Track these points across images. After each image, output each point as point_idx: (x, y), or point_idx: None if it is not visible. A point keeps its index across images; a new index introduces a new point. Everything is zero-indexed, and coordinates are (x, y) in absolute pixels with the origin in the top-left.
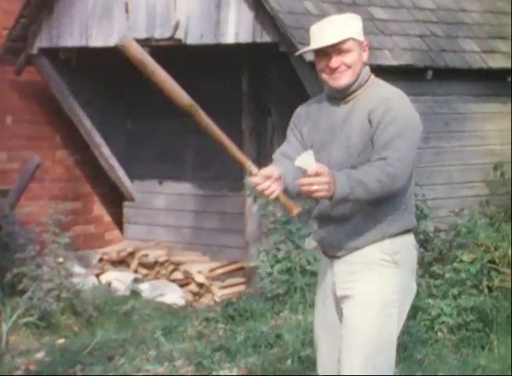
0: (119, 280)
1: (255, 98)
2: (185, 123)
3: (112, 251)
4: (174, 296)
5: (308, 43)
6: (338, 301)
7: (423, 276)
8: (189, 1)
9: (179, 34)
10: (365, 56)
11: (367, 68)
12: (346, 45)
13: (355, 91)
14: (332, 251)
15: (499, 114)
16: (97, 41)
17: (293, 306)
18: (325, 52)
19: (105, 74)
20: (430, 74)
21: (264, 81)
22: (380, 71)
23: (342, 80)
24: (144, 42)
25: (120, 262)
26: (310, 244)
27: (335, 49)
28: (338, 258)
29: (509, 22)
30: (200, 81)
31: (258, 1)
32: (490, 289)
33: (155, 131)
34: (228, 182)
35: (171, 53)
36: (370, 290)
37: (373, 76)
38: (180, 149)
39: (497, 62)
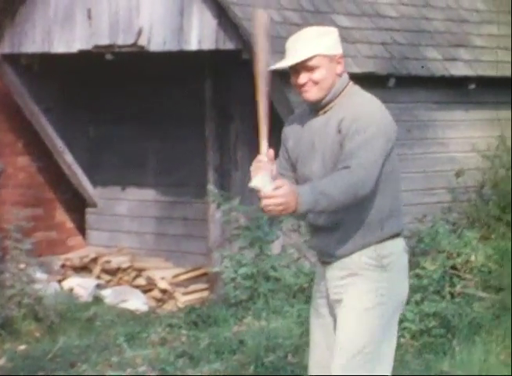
0: (81, 286)
1: (218, 104)
2: (148, 129)
3: (74, 257)
4: (137, 302)
5: (270, 49)
6: (332, 306)
7: None
8: (152, 7)
9: (142, 41)
10: (339, 69)
11: (344, 78)
12: (313, 62)
13: (330, 101)
14: (324, 257)
15: (460, 122)
16: (59, 47)
17: (256, 312)
18: (295, 69)
19: (67, 80)
20: (392, 81)
21: (227, 88)
22: None
23: (310, 95)
24: (107, 49)
25: (83, 268)
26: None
27: (302, 66)
28: (330, 264)
29: (470, 30)
30: (164, 87)
31: (221, 8)
32: (452, 295)
33: (118, 138)
34: (192, 189)
35: (134, 60)
36: (357, 294)
37: (351, 84)
38: (143, 155)
39: (459, 70)
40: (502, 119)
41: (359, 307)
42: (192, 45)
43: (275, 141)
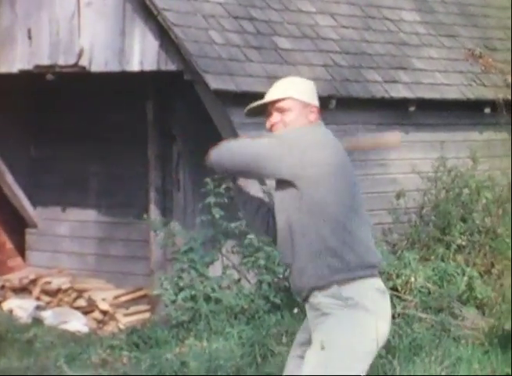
0: (21, 307)
1: (160, 125)
2: (90, 150)
3: (14, 278)
4: (77, 323)
5: (212, 71)
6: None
7: None
8: (93, 28)
9: (83, 62)
10: (311, 117)
11: (317, 124)
12: (284, 103)
13: None
14: (297, 296)
15: (401, 143)
16: (0, 67)
17: (198, 333)
18: (269, 111)
19: (9, 100)
20: (333, 103)
21: (169, 109)
22: None
23: None
24: (47, 69)
25: (23, 290)
26: None
27: (276, 107)
28: (305, 302)
29: (410, 53)
30: (106, 107)
31: (163, 29)
32: (392, 316)
33: (59, 158)
34: (133, 210)
35: (76, 80)
36: (322, 334)
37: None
38: (84, 176)
39: (399, 92)
40: (441, 141)
41: (320, 348)
42: (134, 66)
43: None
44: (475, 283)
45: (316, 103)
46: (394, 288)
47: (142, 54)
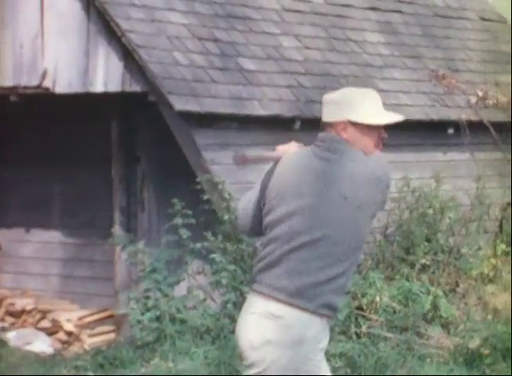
0: None
1: (125, 146)
2: (54, 170)
3: None
4: (42, 344)
5: (176, 92)
6: None
7: None
8: (56, 49)
9: (47, 83)
10: None
11: None
12: None
13: None
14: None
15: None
16: None
17: (163, 354)
18: (377, 126)
19: None
20: (298, 124)
21: (133, 129)
22: (249, 121)
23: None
24: (11, 90)
25: None
26: None
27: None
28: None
29: (373, 74)
30: (70, 128)
31: (127, 50)
32: (358, 335)
33: (22, 179)
34: (97, 230)
35: (40, 101)
36: None
37: None
38: (48, 196)
39: None
40: (405, 161)
41: None
42: (98, 87)
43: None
44: (440, 302)
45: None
46: (359, 308)
47: (106, 75)
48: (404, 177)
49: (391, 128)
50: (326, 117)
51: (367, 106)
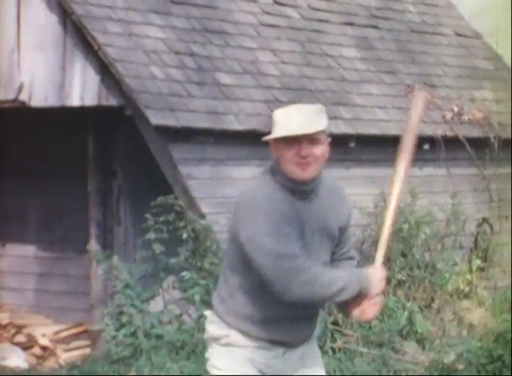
0: None
1: (101, 159)
2: (29, 184)
3: None
4: (17, 359)
5: (153, 106)
6: None
7: None
8: (33, 62)
9: (23, 96)
10: (327, 153)
11: None
12: (319, 136)
13: (316, 186)
14: (290, 341)
15: (341, 179)
16: None
17: (139, 369)
18: (295, 140)
19: None
20: None
21: (110, 143)
22: (226, 136)
23: (309, 171)
24: None
25: None
26: None
27: (308, 138)
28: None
29: (350, 89)
30: (46, 142)
31: (104, 64)
32: (334, 350)
33: None
34: (73, 245)
35: (16, 114)
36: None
37: None
38: (23, 210)
39: (339, 128)
40: (382, 176)
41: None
42: (75, 101)
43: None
44: (415, 317)
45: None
46: (335, 323)
47: (82, 89)
48: (380, 192)
49: (367, 144)
50: None
51: (278, 122)
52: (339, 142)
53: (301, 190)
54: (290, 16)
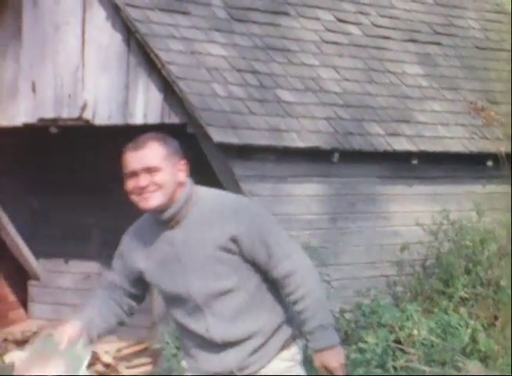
0: (23, 360)
1: None
2: (91, 201)
3: (16, 330)
4: None
5: (215, 124)
6: None
7: None
8: (97, 81)
9: (87, 114)
10: (181, 176)
11: (188, 186)
12: (156, 163)
13: (180, 212)
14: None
15: (403, 196)
16: (3, 120)
17: None
18: (134, 172)
19: (10, 152)
20: (336, 156)
21: None
22: (287, 153)
23: (152, 201)
24: (51, 122)
25: (25, 342)
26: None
27: (144, 169)
28: None
29: (412, 106)
30: (108, 159)
31: (167, 82)
32: (395, 369)
33: (61, 209)
34: None
35: (78, 131)
36: None
37: (195, 188)
38: (86, 227)
39: (401, 145)
40: (444, 193)
41: None
42: (138, 119)
43: None
44: (478, 335)
45: (183, 158)
46: (397, 341)
47: (145, 107)
48: (443, 209)
49: (430, 161)
50: None
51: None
52: (401, 159)
53: (160, 219)
54: (352, 33)
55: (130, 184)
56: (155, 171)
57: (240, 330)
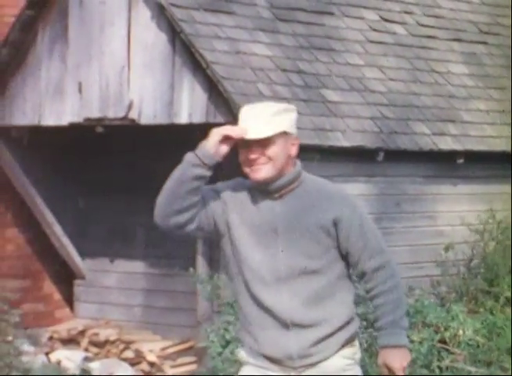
0: (69, 358)
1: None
2: (137, 201)
3: (62, 329)
4: (125, 375)
5: None
6: None
7: (371, 356)
8: (142, 81)
9: (133, 114)
10: (293, 150)
11: (298, 163)
12: (272, 138)
13: (288, 185)
14: (284, 362)
15: (449, 195)
16: (49, 120)
17: None
18: (246, 143)
19: (57, 152)
20: (381, 155)
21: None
22: (332, 153)
23: (261, 172)
24: (97, 121)
25: (71, 341)
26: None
27: (257, 141)
28: (294, 370)
29: (458, 106)
30: (153, 159)
31: (212, 82)
32: (441, 369)
33: (106, 210)
34: (180, 261)
35: (124, 132)
36: None
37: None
38: (131, 227)
39: (447, 144)
40: (490, 193)
41: None
42: (183, 119)
43: None
44: None
45: (295, 132)
46: (442, 341)
47: (190, 107)
48: (489, 209)
49: (475, 160)
50: None
51: (241, 117)
52: (447, 158)
53: (264, 190)
54: (397, 33)
55: (242, 155)
56: (268, 144)
57: (311, 315)
